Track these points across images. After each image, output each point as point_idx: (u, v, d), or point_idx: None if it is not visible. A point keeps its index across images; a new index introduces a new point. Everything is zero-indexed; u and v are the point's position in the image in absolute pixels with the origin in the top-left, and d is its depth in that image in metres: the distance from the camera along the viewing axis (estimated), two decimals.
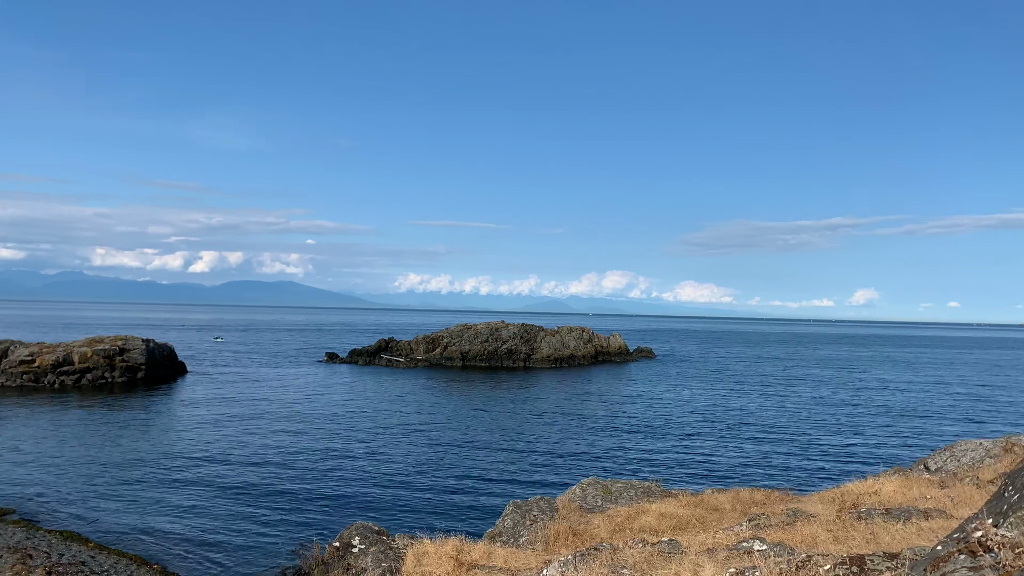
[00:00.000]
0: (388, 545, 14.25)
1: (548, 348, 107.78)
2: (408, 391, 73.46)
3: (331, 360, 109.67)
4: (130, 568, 23.98)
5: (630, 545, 12.49)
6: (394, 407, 61.63)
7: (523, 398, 69.34)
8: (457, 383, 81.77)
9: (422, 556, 14.22)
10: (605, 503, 20.97)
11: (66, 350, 73.12)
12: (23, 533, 27.06)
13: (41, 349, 73.29)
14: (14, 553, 24.60)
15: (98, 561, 24.40)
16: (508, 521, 19.05)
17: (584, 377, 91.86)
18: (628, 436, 50.25)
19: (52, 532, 27.50)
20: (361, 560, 13.33)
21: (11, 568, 23.19)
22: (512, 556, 15.11)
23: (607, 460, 42.19)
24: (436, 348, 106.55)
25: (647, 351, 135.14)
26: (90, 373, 71.73)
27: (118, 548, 26.01)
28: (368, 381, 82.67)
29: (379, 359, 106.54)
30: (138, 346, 76.19)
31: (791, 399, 74.05)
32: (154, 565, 24.49)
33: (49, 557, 24.34)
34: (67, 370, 70.92)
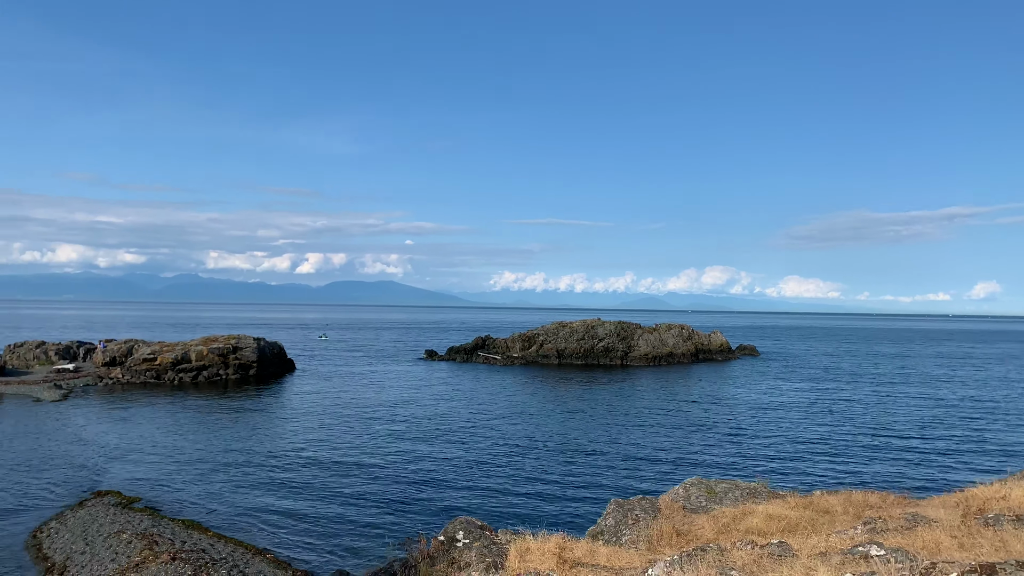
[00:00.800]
0: (491, 540, 14.39)
1: (646, 346, 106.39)
2: (506, 388, 74.02)
3: (430, 357, 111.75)
4: (245, 556, 25.11)
5: (738, 546, 12.17)
6: (493, 404, 62.23)
7: (621, 396, 68.72)
8: (554, 381, 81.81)
9: (525, 552, 14.27)
10: (709, 503, 20.52)
11: (184, 349, 77.34)
12: (149, 520, 28.80)
13: (162, 348, 77.79)
14: (142, 539, 26.21)
15: (216, 549, 25.67)
16: (610, 520, 18.90)
17: (684, 375, 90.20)
18: (731, 435, 49.03)
19: (175, 520, 29.13)
20: (466, 554, 13.50)
21: (140, 553, 24.73)
22: (615, 555, 14.97)
23: (709, 460, 41.29)
24: (532, 346, 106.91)
25: (750, 349, 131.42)
26: (206, 370, 75.61)
27: (234, 537, 27.27)
28: (466, 378, 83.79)
29: (476, 356, 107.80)
30: (250, 344, 79.75)
31: (905, 398, 70.47)
32: (267, 554, 25.56)
33: (173, 544, 25.80)
34: (185, 367, 75.00)
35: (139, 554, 24.58)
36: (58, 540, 26.44)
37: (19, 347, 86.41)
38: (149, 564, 23.52)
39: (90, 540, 26.24)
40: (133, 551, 24.95)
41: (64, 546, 25.78)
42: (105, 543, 25.86)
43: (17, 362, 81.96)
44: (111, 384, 71.18)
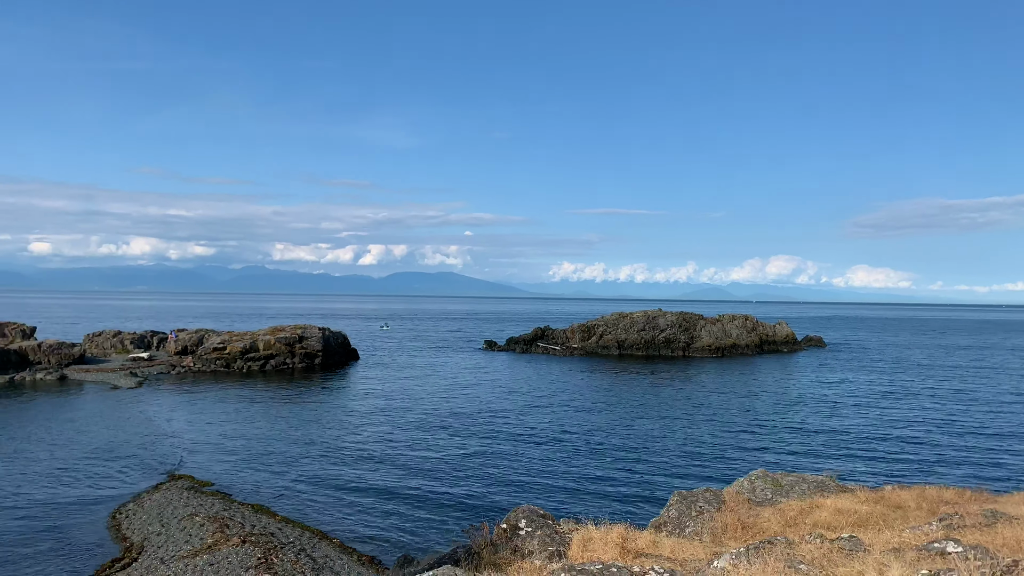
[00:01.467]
0: (554, 529, 14.39)
1: (708, 337, 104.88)
2: (565, 379, 73.95)
3: (490, 348, 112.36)
4: (312, 541, 25.72)
5: (806, 540, 11.90)
6: (552, 394, 62.26)
7: (683, 387, 67.94)
8: (614, 371, 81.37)
9: (587, 541, 14.24)
10: (775, 496, 20.13)
11: (252, 338, 79.48)
12: (220, 504, 29.74)
13: (231, 337, 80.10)
14: (214, 522, 27.09)
15: (284, 533, 26.37)
16: (673, 511, 18.70)
17: (748, 367, 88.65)
18: (797, 428, 48.00)
19: (244, 504, 30.01)
20: (528, 543, 13.53)
21: (212, 535, 25.57)
22: (679, 546, 14.82)
23: (773, 452, 40.52)
24: (592, 336, 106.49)
25: (816, 340, 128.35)
26: (273, 359, 77.57)
27: (301, 522, 27.95)
28: (526, 369, 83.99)
29: (535, 347, 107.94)
30: (315, 334, 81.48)
31: (980, 392, 67.84)
32: (333, 539, 26.13)
33: (243, 527, 26.60)
34: (253, 356, 77.08)
35: (211, 536, 25.42)
36: (136, 521, 27.53)
37: (97, 336, 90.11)
38: (221, 546, 24.30)
39: (165, 522, 27.24)
40: (206, 533, 25.82)
41: (141, 527, 26.83)
42: (179, 525, 26.82)
43: (96, 351, 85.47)
44: (183, 372, 73.65)
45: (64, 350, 73.92)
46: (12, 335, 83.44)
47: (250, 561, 22.94)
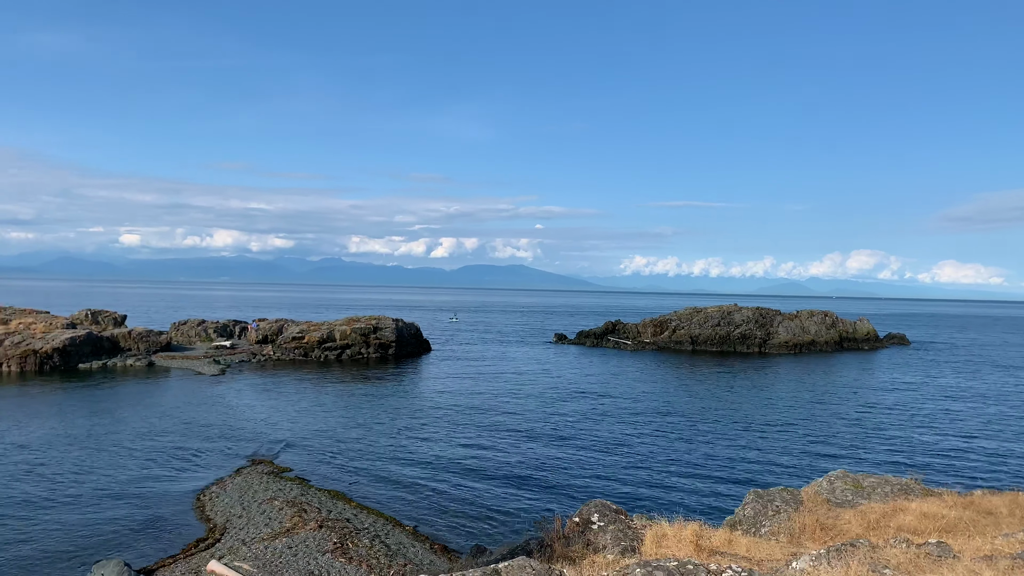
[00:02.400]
0: (627, 524, 14.30)
1: (786, 333, 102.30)
2: (637, 374, 73.30)
3: (560, 341, 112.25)
4: (387, 528, 26.23)
5: (891, 544, 11.49)
6: (624, 389, 61.80)
7: (759, 384, 66.48)
8: (688, 367, 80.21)
9: (661, 538, 14.10)
10: (856, 498, 19.50)
11: (329, 328, 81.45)
12: (299, 489, 30.62)
13: (309, 327, 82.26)
14: (292, 506, 27.91)
15: (360, 519, 26.96)
16: (748, 510, 18.34)
17: (826, 364, 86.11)
18: (878, 428, 46.39)
19: (321, 490, 30.81)
20: (601, 537, 13.49)
21: (290, 519, 26.35)
22: (755, 546, 14.53)
23: (853, 453, 39.27)
24: (664, 331, 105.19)
25: (899, 337, 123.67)
26: (349, 349, 79.33)
27: (376, 509, 28.53)
28: (596, 362, 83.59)
29: (606, 341, 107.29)
30: (389, 325, 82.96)
31: None
32: (406, 527, 26.58)
33: (320, 512, 27.32)
34: (330, 346, 78.99)
35: (290, 520, 26.21)
36: (219, 504, 28.59)
37: (183, 325, 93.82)
38: (299, 530, 25.03)
39: (246, 505, 28.21)
40: (284, 517, 26.63)
41: (224, 509, 27.85)
42: (259, 508, 27.73)
43: (181, 339, 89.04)
44: (263, 360, 76.03)
45: (152, 338, 77.24)
46: (105, 323, 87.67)
47: (327, 545, 23.55)
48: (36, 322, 72.08)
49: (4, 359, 64.10)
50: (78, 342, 68.15)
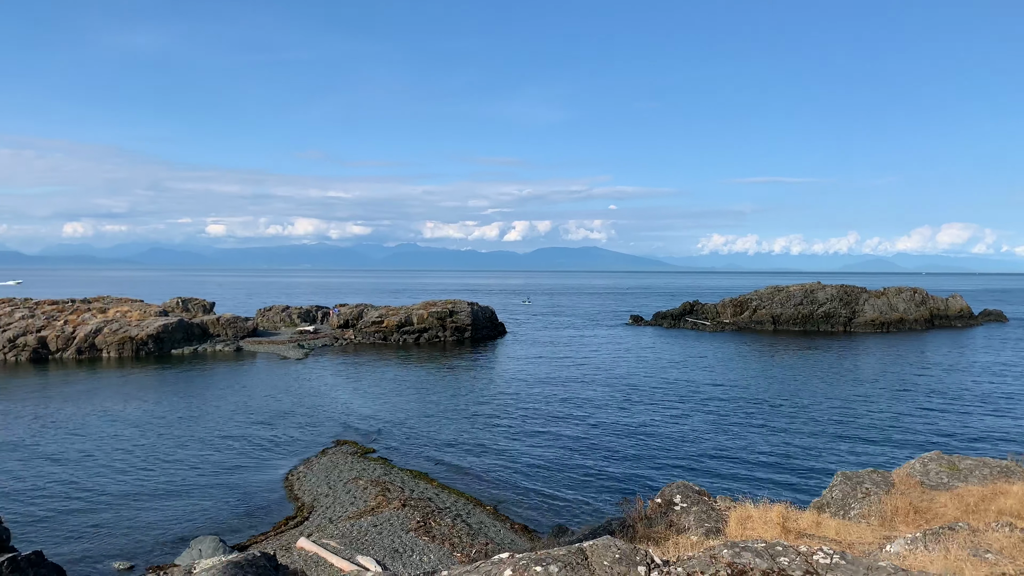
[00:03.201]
0: (710, 506, 14.10)
1: (872, 311, 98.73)
2: (717, 355, 72.03)
3: (636, 323, 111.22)
4: (467, 507, 26.60)
5: (992, 528, 10.99)
6: (703, 370, 60.85)
7: (845, 364, 64.42)
8: (769, 347, 78.36)
9: (746, 519, 13.85)
10: (951, 480, 18.70)
11: (407, 312, 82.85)
12: (382, 469, 31.34)
13: (388, 312, 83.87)
14: (376, 485, 28.60)
15: (441, 498, 27.43)
16: (836, 492, 17.82)
17: (916, 343, 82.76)
18: (975, 408, 44.35)
19: (403, 470, 31.46)
20: (683, 518, 13.34)
21: (375, 498, 27.00)
22: (844, 528, 14.12)
23: (948, 434, 37.67)
24: (744, 311, 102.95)
25: (996, 314, 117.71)
26: (426, 332, 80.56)
27: (456, 489, 28.96)
28: (674, 344, 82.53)
29: (684, 322, 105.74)
30: (464, 309, 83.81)
31: None
32: (487, 506, 26.89)
33: (403, 491, 27.91)
34: (408, 329, 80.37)
35: (374, 499, 26.86)
36: (307, 483, 29.54)
37: (268, 311, 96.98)
38: (383, 509, 25.64)
39: (332, 484, 29.05)
40: (369, 496, 27.32)
41: (311, 488, 28.75)
42: (345, 488, 28.52)
43: (267, 324, 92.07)
44: (345, 344, 77.96)
45: (239, 324, 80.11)
46: (195, 310, 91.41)
47: (410, 524, 24.06)
48: (132, 310, 75.70)
49: (104, 345, 67.60)
50: (171, 329, 71.27)
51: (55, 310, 74.69)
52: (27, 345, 65.71)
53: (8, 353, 65.01)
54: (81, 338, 67.25)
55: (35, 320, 69.43)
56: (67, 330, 67.99)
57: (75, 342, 66.94)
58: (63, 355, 66.16)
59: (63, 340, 66.94)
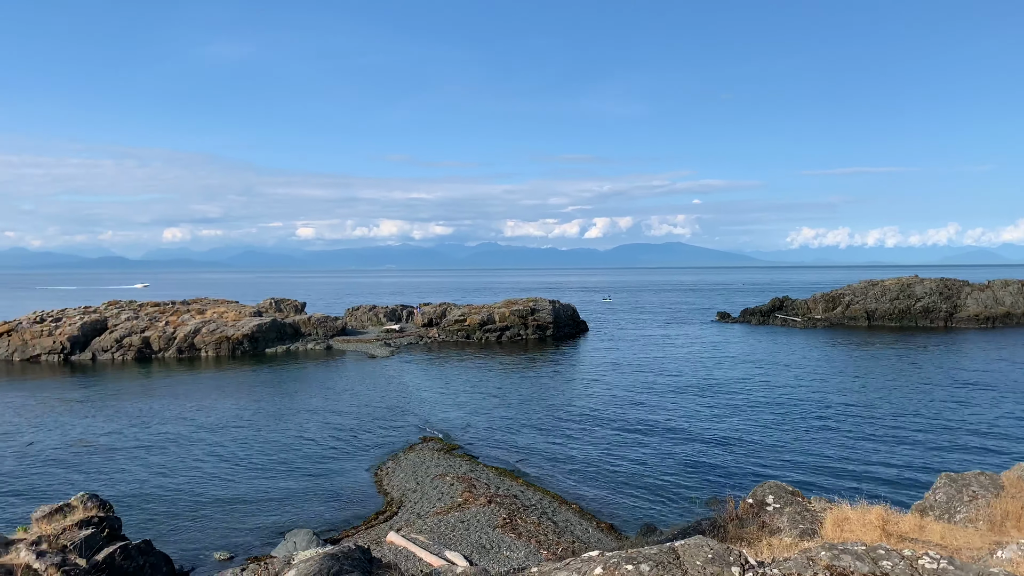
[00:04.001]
0: (804, 507, 13.67)
1: (976, 305, 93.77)
2: (809, 352, 69.80)
3: (722, 319, 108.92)
4: (552, 505, 26.60)
5: None
6: (795, 368, 59.07)
7: (945, 361, 61.39)
8: (864, 344, 75.42)
9: (843, 521, 13.38)
10: None
11: (488, 311, 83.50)
12: (468, 465, 31.68)
13: (470, 310, 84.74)
14: (462, 482, 28.92)
15: (526, 496, 27.51)
16: (940, 495, 17.00)
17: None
18: None
19: (489, 467, 31.71)
20: (776, 519, 12.98)
21: (461, 494, 27.31)
22: (950, 533, 13.47)
23: None
24: (837, 307, 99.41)
25: None
26: (508, 330, 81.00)
27: (542, 486, 29.00)
28: (764, 341, 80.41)
29: (773, 319, 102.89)
30: (546, 307, 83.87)
31: None
32: (573, 504, 26.82)
33: (488, 488, 28.13)
34: (490, 328, 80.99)
35: (461, 495, 27.17)
36: (395, 478, 30.14)
37: (356, 310, 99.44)
38: (470, 505, 25.91)
39: (420, 480, 29.54)
40: (455, 492, 27.65)
41: (400, 483, 29.32)
42: (432, 483, 28.96)
43: (355, 323, 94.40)
44: (429, 342, 79.19)
45: (329, 323, 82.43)
46: (287, 310, 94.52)
47: (496, 520, 24.23)
48: (228, 311, 78.90)
49: (202, 345, 70.68)
50: (264, 328, 73.93)
51: (157, 311, 78.53)
52: (132, 345, 69.34)
53: (115, 352, 68.75)
54: (181, 338, 70.51)
55: (139, 321, 73.18)
56: (168, 330, 71.41)
57: (176, 342, 70.24)
58: (165, 354, 69.53)
59: (165, 340, 70.34)
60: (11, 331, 70.51)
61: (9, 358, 68.13)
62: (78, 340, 69.32)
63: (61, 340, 68.61)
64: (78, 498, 16.25)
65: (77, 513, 15.68)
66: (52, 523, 15.28)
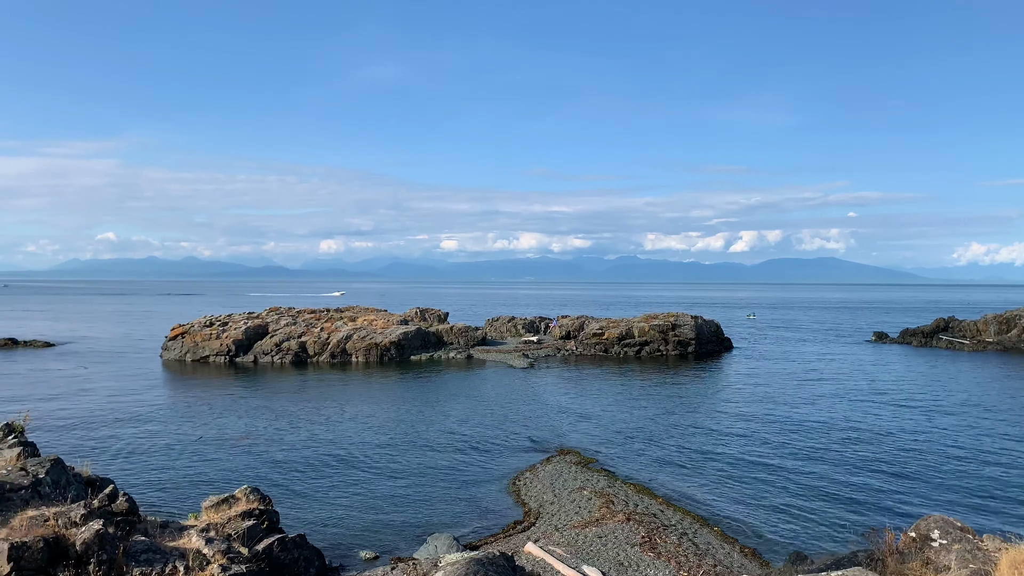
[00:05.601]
0: (975, 545, 12.55)
1: None
2: (978, 377, 64.32)
3: (879, 340, 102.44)
4: (693, 526, 25.85)
5: None
6: (962, 394, 54.54)
7: None
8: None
9: (1020, 564, 12.17)
10: None
11: (627, 325, 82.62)
12: (605, 480, 31.40)
13: (608, 324, 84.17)
14: (600, 497, 28.70)
15: (666, 515, 26.90)
16: None
17: None
18: None
19: (627, 483, 31.27)
20: (943, 556, 12.00)
21: (599, 509, 27.09)
22: None
23: None
24: (1012, 329, 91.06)
25: None
26: (648, 346, 79.77)
27: (682, 506, 28.26)
28: (926, 364, 74.87)
29: (937, 340, 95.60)
30: (688, 322, 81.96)
31: None
32: (714, 527, 25.96)
33: (627, 505, 27.74)
34: (629, 342, 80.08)
35: (598, 511, 26.96)
36: (532, 489, 30.33)
37: (495, 321, 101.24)
38: (607, 521, 25.64)
39: (557, 492, 29.57)
40: (593, 507, 27.46)
41: (537, 495, 29.47)
42: (569, 497, 28.91)
43: (494, 334, 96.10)
44: (567, 355, 79.31)
45: (470, 333, 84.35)
46: (431, 319, 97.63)
47: (634, 538, 23.84)
48: (376, 319, 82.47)
49: (353, 351, 74.18)
50: (410, 336, 76.67)
51: (313, 318, 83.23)
52: (290, 349, 73.82)
53: (275, 356, 73.41)
54: (334, 344, 74.32)
55: (297, 327, 77.81)
56: (323, 336, 75.48)
57: (329, 347, 74.11)
58: (319, 359, 73.50)
59: (319, 345, 74.39)
60: (185, 333, 76.92)
61: (182, 358, 74.29)
62: (242, 343, 74.59)
63: (227, 343, 74.07)
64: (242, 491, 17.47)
65: (240, 504, 16.86)
66: (219, 512, 16.51)
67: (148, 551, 13.95)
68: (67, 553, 13.21)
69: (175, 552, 14.10)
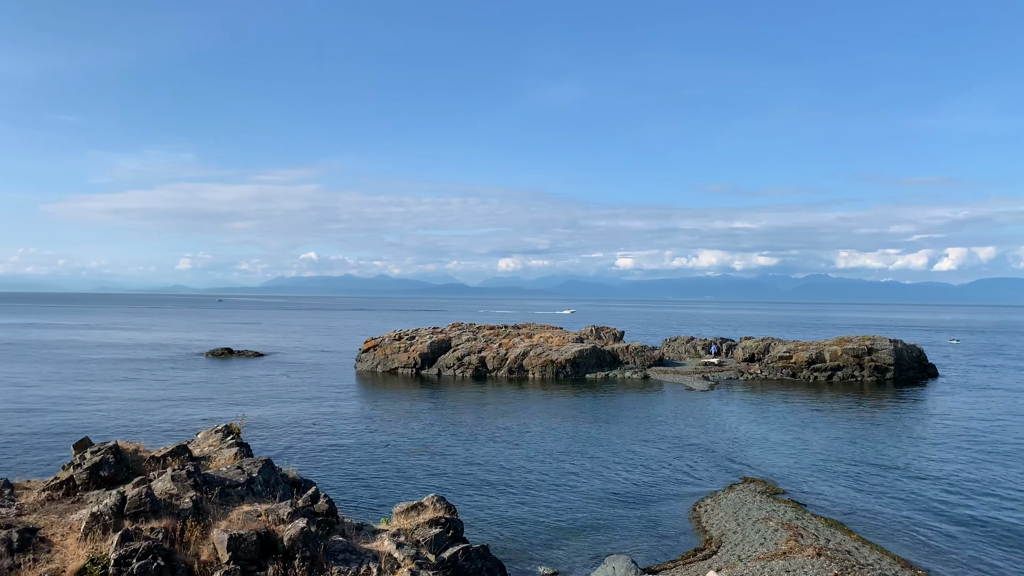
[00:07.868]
0: None
1: None
2: None
3: None
4: (894, 567, 23.82)
5: None
6: None
7: None
8: None
9: None
10: None
11: (818, 348, 77.96)
12: (793, 512, 29.71)
13: (796, 346, 79.83)
14: (787, 529, 27.19)
15: (862, 553, 25.00)
16: None
17: None
18: None
19: (817, 516, 29.40)
20: None
21: (786, 542, 25.67)
22: None
23: None
24: None
25: None
26: (840, 371, 74.80)
27: (880, 545, 26.14)
28: None
29: None
30: (886, 346, 76.08)
31: None
32: (918, 571, 23.79)
33: (817, 539, 26.08)
34: (819, 367, 75.49)
35: (785, 543, 25.53)
36: (714, 516, 29.28)
37: (673, 341, 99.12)
38: (795, 555, 24.22)
39: (740, 522, 28.35)
40: (780, 539, 26.05)
41: (719, 523, 28.41)
42: (754, 527, 27.61)
43: (672, 354, 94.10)
44: (750, 379, 76.07)
45: (646, 352, 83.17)
46: (606, 338, 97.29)
47: (826, 575, 22.34)
48: (553, 336, 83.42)
49: (529, 367, 75.48)
50: (585, 355, 76.86)
51: (492, 334, 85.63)
52: (471, 363, 76.36)
53: (456, 369, 76.22)
54: (512, 359, 76.01)
55: (477, 342, 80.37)
56: (501, 352, 77.43)
57: (507, 363, 75.89)
58: (497, 373, 75.43)
59: (498, 360, 76.38)
60: (376, 346, 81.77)
61: (374, 369, 79.00)
62: (427, 357, 78.16)
63: (414, 356, 77.90)
64: (429, 499, 18.22)
65: (428, 512, 17.59)
66: (408, 518, 17.33)
67: (345, 551, 14.89)
68: (276, 547, 14.39)
69: (369, 554, 14.96)
